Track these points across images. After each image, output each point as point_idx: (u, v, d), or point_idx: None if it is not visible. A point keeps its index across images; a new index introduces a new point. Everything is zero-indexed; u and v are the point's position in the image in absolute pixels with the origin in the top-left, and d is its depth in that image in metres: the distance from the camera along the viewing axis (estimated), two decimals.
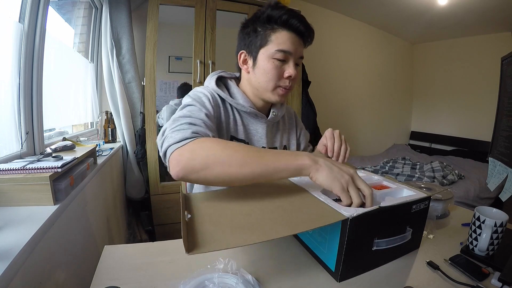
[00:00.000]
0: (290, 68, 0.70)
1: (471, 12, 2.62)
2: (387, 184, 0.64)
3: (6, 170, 0.73)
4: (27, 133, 0.98)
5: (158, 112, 1.86)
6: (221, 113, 0.73)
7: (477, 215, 0.58)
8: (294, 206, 0.50)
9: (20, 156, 0.94)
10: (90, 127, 1.95)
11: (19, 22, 0.95)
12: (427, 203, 0.56)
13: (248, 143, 0.78)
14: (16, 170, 0.73)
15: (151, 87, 1.72)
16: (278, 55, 0.68)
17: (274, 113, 0.81)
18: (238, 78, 0.83)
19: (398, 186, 0.61)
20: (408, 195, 0.56)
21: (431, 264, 0.53)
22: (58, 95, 1.36)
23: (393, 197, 0.55)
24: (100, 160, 1.27)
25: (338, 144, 0.67)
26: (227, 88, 0.78)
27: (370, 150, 3.66)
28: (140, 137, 1.84)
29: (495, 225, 0.55)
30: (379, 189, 0.61)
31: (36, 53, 0.99)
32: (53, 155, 0.90)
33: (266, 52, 0.69)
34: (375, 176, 0.69)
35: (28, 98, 0.98)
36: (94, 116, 1.91)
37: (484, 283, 0.49)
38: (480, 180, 2.32)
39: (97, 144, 1.44)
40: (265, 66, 0.70)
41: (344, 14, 3.14)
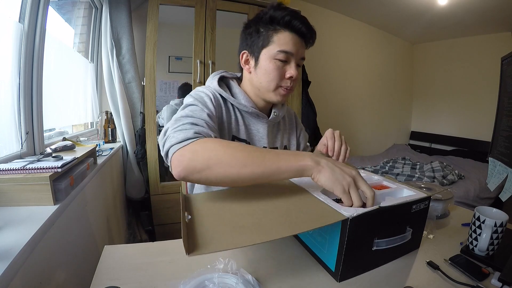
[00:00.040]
0: (291, 68, 0.70)
1: (471, 12, 2.62)
2: (387, 184, 0.64)
3: (6, 170, 0.73)
4: (27, 133, 0.99)
5: (158, 112, 1.86)
6: (222, 113, 0.73)
7: (477, 215, 0.58)
8: (294, 206, 0.50)
9: (20, 156, 0.94)
10: (90, 127, 1.95)
11: (19, 22, 0.95)
12: (427, 203, 0.56)
13: (250, 143, 0.78)
14: (16, 170, 0.73)
15: (151, 87, 1.73)
16: (280, 56, 0.69)
17: (275, 113, 0.81)
18: (239, 78, 0.83)
19: (398, 186, 0.61)
20: (408, 195, 0.56)
21: (431, 264, 0.53)
22: (58, 95, 1.36)
23: (393, 197, 0.55)
24: (100, 160, 1.27)
25: (338, 143, 0.68)
26: (229, 88, 0.78)
27: (370, 150, 3.66)
28: (140, 137, 1.84)
29: (495, 225, 0.55)
30: (379, 189, 0.61)
31: (36, 53, 0.99)
32: (53, 155, 0.90)
33: (268, 53, 0.70)
34: (375, 176, 0.69)
35: (28, 98, 0.98)
36: (94, 116, 1.91)
37: (484, 283, 0.49)
38: (480, 180, 2.32)
39: (97, 144, 1.44)
40: (266, 66, 0.70)
41: (344, 14, 3.14)
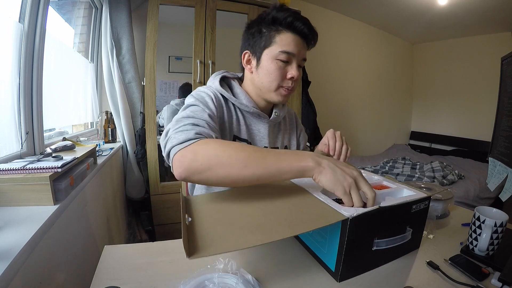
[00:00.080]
0: (293, 69, 0.71)
1: (471, 12, 2.62)
2: (387, 184, 0.64)
3: (6, 170, 0.73)
4: (27, 133, 0.98)
5: (158, 112, 1.86)
6: (224, 113, 0.74)
7: (477, 215, 0.58)
8: (294, 207, 0.50)
9: (20, 156, 0.94)
10: (90, 127, 1.95)
11: (19, 22, 0.95)
12: (427, 203, 0.56)
13: (251, 143, 0.78)
14: (16, 170, 0.73)
15: (151, 87, 1.73)
16: (282, 56, 0.69)
17: (276, 113, 0.81)
18: (240, 79, 0.83)
19: (398, 186, 0.61)
20: (408, 195, 0.56)
21: (431, 264, 0.53)
22: (58, 95, 1.36)
23: (393, 197, 0.55)
24: (100, 160, 1.27)
25: (339, 143, 0.69)
26: (231, 88, 0.79)
27: (370, 150, 3.66)
28: (140, 137, 1.84)
29: (495, 225, 0.55)
30: (379, 189, 0.61)
31: (36, 53, 0.99)
32: (53, 155, 0.90)
33: (270, 53, 0.70)
34: (375, 176, 0.69)
35: (28, 98, 0.98)
36: (94, 116, 1.91)
37: (484, 283, 0.49)
38: (480, 180, 2.32)
39: (97, 144, 1.44)
40: (268, 67, 0.71)
41: (344, 14, 3.14)
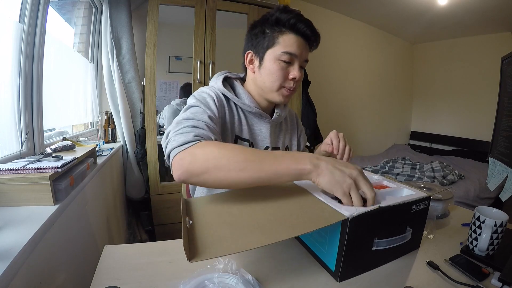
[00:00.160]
0: (295, 70, 0.72)
1: (471, 12, 2.62)
2: (387, 184, 0.64)
3: (6, 170, 0.73)
4: (27, 133, 0.98)
5: (158, 112, 1.86)
6: (225, 113, 0.74)
7: (477, 215, 0.58)
8: (294, 207, 0.50)
9: (20, 156, 0.94)
10: (90, 127, 1.95)
11: (19, 22, 0.95)
12: (427, 203, 0.56)
13: (253, 143, 0.79)
14: (16, 170, 0.73)
15: (151, 87, 1.73)
16: (284, 57, 0.70)
17: (278, 113, 0.82)
18: (242, 79, 0.84)
19: (398, 185, 0.61)
20: (408, 195, 0.56)
21: (431, 264, 0.53)
22: (58, 95, 1.36)
23: (393, 196, 0.55)
24: (100, 160, 1.27)
25: (343, 144, 0.71)
26: (233, 88, 0.79)
27: (370, 150, 3.66)
28: (140, 137, 1.84)
29: (495, 225, 0.55)
30: (379, 188, 0.60)
31: (36, 53, 0.99)
32: (53, 155, 0.90)
33: (273, 53, 0.71)
34: (375, 176, 0.69)
35: (28, 98, 0.98)
36: (94, 116, 1.91)
37: (484, 283, 0.49)
38: (480, 180, 2.32)
39: (97, 144, 1.44)
40: (271, 67, 0.72)
41: (344, 14, 3.14)
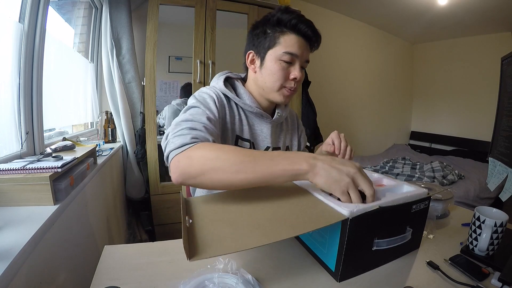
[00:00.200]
0: (295, 70, 0.72)
1: (471, 12, 2.62)
2: (387, 182, 0.64)
3: (6, 170, 0.73)
4: (27, 133, 0.98)
5: (158, 112, 1.86)
6: (226, 113, 0.74)
7: (477, 215, 0.58)
8: (294, 207, 0.50)
9: (20, 156, 0.94)
10: (90, 127, 1.95)
11: (19, 22, 0.95)
12: (427, 203, 0.56)
13: (253, 143, 0.79)
14: (16, 170, 0.73)
15: (151, 87, 1.73)
16: (285, 57, 0.70)
17: (278, 113, 0.82)
18: (243, 79, 0.84)
19: (398, 183, 0.61)
20: (408, 191, 0.56)
21: (431, 264, 0.53)
22: (58, 95, 1.36)
23: (393, 192, 0.55)
24: (100, 160, 1.27)
25: (344, 143, 0.73)
26: (234, 88, 0.79)
27: (370, 150, 3.66)
28: (140, 137, 1.84)
29: (495, 225, 0.55)
30: (379, 187, 0.60)
31: (36, 53, 0.99)
32: (53, 155, 0.90)
33: (274, 54, 0.71)
34: (374, 174, 0.69)
35: (28, 98, 0.98)
36: (94, 116, 1.91)
37: (484, 283, 0.49)
38: (480, 180, 2.32)
39: (97, 144, 1.44)
40: (272, 67, 0.72)
41: (344, 14, 3.13)
